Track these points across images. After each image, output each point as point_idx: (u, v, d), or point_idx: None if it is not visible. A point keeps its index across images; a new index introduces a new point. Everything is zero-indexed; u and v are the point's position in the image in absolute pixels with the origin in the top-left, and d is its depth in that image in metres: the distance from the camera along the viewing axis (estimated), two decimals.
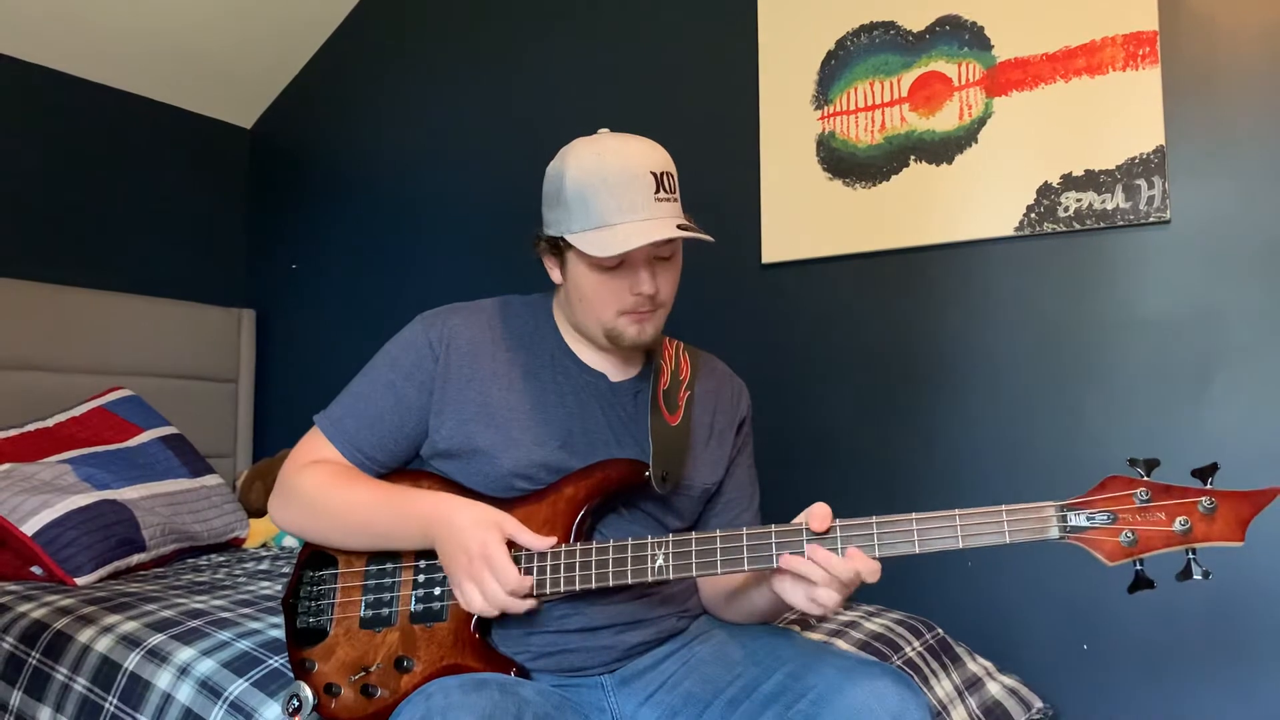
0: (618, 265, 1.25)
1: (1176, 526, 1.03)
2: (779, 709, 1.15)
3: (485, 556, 1.16)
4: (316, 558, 1.34)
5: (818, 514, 1.12)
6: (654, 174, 1.24)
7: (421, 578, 1.27)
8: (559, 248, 1.30)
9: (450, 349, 1.33)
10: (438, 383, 1.32)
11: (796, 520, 1.14)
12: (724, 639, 1.33)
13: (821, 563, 1.10)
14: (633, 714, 1.27)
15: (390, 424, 1.33)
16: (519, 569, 1.17)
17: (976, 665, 1.89)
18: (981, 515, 1.08)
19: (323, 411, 1.38)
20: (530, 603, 1.18)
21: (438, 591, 1.25)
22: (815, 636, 1.68)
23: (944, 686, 1.74)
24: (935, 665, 1.78)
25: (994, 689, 1.85)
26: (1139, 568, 1.05)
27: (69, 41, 2.90)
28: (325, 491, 1.30)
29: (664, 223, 1.23)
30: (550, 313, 1.41)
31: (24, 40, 2.85)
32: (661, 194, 1.24)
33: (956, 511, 1.09)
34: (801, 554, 1.12)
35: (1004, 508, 1.08)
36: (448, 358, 1.33)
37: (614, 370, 1.38)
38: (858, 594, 2.01)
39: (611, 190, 1.22)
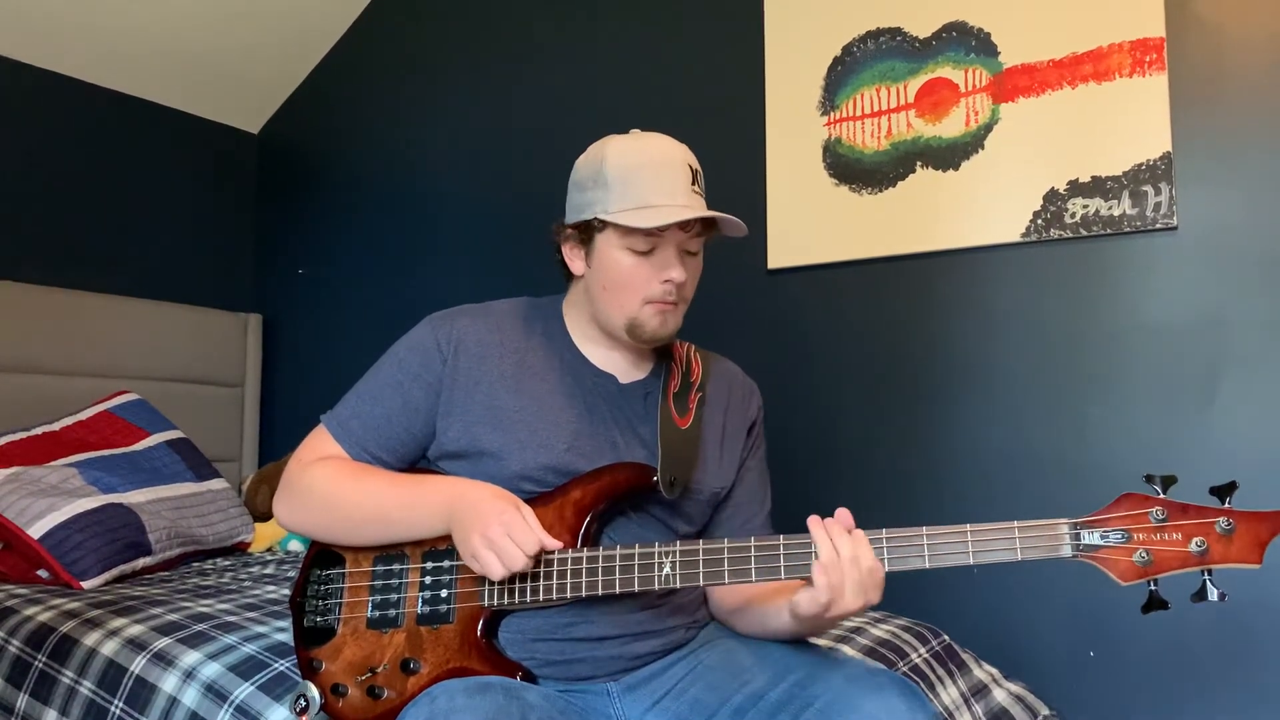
0: (650, 250, 1.27)
1: (1193, 547, 1.01)
2: (786, 717, 1.14)
3: (503, 522, 1.16)
4: (324, 556, 1.34)
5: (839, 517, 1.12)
6: (690, 167, 1.29)
7: (428, 579, 1.27)
8: (589, 232, 1.31)
9: (458, 351, 1.33)
10: (445, 384, 1.32)
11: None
12: (732, 646, 1.32)
13: (830, 532, 1.09)
14: None
15: (398, 425, 1.33)
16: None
17: (982, 672, 1.88)
18: (993, 531, 1.07)
19: (329, 412, 1.38)
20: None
21: (444, 594, 1.25)
22: (822, 643, 1.67)
23: (950, 693, 1.74)
24: (941, 672, 1.77)
25: (1000, 696, 1.85)
26: (1153, 588, 1.03)
27: (77, 47, 2.92)
28: (335, 485, 1.30)
29: (703, 209, 1.28)
30: (560, 314, 1.41)
31: (32, 45, 2.86)
32: (696, 187, 1.29)
33: (968, 526, 1.07)
34: (809, 566, 1.11)
35: (1016, 524, 1.06)
36: (455, 359, 1.33)
37: (623, 372, 1.38)
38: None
39: (653, 174, 1.26)
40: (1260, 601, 1.78)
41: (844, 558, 1.08)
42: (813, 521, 1.11)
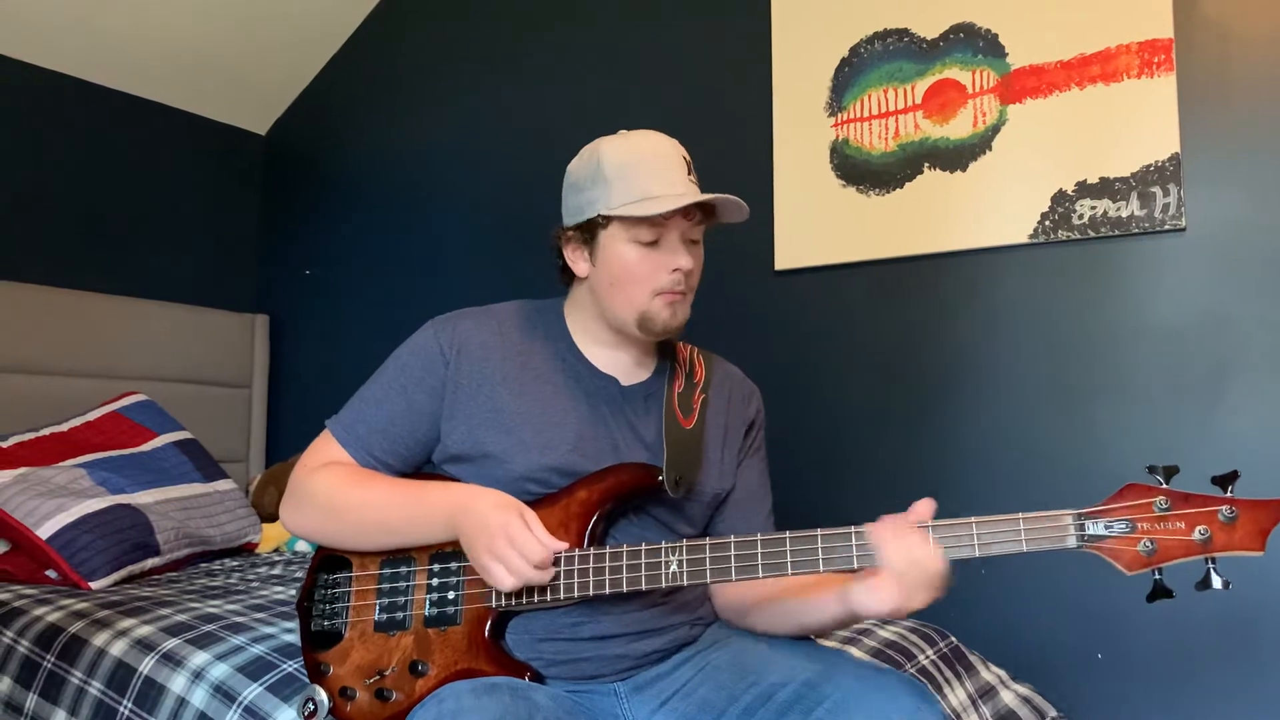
0: (655, 241, 1.28)
1: (1196, 535, 1.01)
2: (795, 717, 1.14)
3: (507, 535, 1.17)
4: (330, 560, 1.34)
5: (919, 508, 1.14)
6: (684, 158, 1.31)
7: (435, 581, 1.27)
8: (592, 230, 1.31)
9: (461, 354, 1.33)
10: (449, 388, 1.32)
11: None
12: (740, 646, 1.31)
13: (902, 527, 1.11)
14: None
15: (402, 429, 1.33)
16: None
17: (990, 674, 1.88)
18: (998, 523, 1.08)
19: (334, 416, 1.38)
20: (552, 572, 1.19)
21: (451, 595, 1.25)
22: (829, 644, 1.67)
23: (957, 695, 1.74)
24: (949, 673, 1.77)
25: (1007, 697, 1.84)
26: (1158, 577, 1.04)
27: (85, 48, 2.93)
28: (340, 491, 1.30)
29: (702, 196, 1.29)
30: (562, 316, 1.41)
31: (41, 46, 2.87)
32: (692, 177, 1.31)
33: (973, 519, 1.08)
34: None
35: (1021, 515, 1.07)
36: (458, 362, 1.33)
37: (626, 374, 1.38)
38: None
39: (651, 166, 1.28)
40: (1266, 604, 1.77)
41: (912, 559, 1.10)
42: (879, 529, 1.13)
